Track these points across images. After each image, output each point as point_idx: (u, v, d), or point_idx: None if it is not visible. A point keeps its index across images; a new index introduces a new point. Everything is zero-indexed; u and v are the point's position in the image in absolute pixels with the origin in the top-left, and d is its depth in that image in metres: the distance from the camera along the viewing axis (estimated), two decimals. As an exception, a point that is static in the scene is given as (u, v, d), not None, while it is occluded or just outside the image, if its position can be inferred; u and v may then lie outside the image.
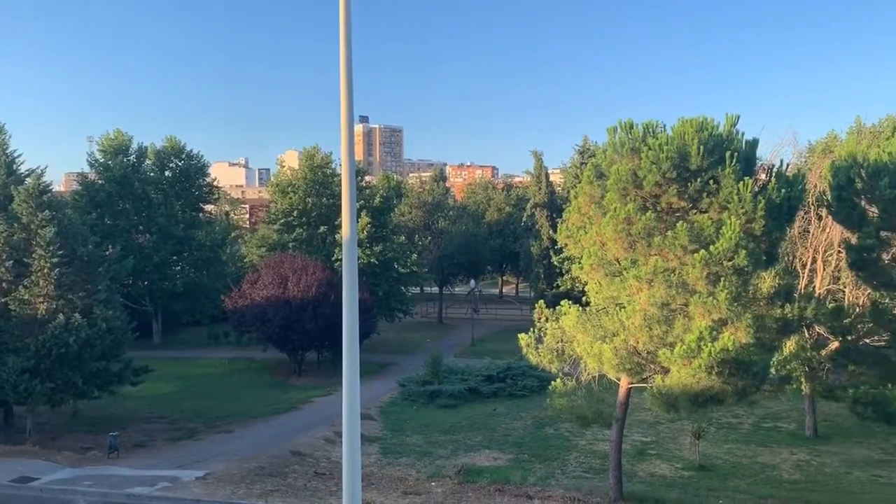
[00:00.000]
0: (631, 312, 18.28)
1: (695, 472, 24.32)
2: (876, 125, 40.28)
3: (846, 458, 26.15)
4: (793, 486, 23.13)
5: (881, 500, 21.56)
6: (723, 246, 16.42)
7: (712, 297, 16.74)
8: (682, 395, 17.36)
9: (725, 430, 29.72)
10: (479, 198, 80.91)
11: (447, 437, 28.23)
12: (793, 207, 17.85)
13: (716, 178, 17.06)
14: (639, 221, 17.42)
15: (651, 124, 17.94)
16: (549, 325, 20.91)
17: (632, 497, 20.44)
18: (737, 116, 17.46)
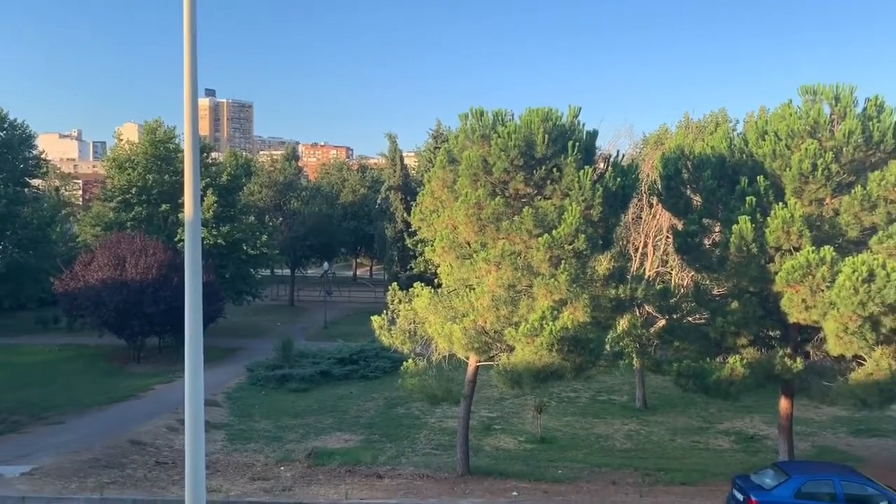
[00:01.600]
0: (480, 294, 18.90)
1: (536, 444, 25.62)
2: (701, 120, 43.87)
3: (671, 426, 28.55)
4: (624, 454, 24.95)
5: (699, 463, 23.76)
6: (564, 231, 17.33)
7: (554, 278, 17.65)
8: (525, 372, 18.21)
9: (565, 404, 31.48)
10: (334, 178, 79.93)
11: (297, 421, 27.90)
12: (627, 195, 19.13)
13: (559, 166, 17.94)
14: (488, 206, 18.00)
15: (500, 112, 18.53)
16: (402, 307, 21.17)
17: (478, 471, 21.23)
18: (578, 108, 18.41)
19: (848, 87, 18.56)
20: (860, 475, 16.63)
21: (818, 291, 17.57)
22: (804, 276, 17.58)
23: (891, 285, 16.62)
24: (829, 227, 18.72)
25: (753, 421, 29.20)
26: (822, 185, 18.35)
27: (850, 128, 18.00)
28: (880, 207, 18.05)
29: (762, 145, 19.28)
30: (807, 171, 18.21)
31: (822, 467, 18.33)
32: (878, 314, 17.07)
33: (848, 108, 18.48)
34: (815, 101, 18.90)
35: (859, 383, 18.59)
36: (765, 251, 18.65)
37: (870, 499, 15.50)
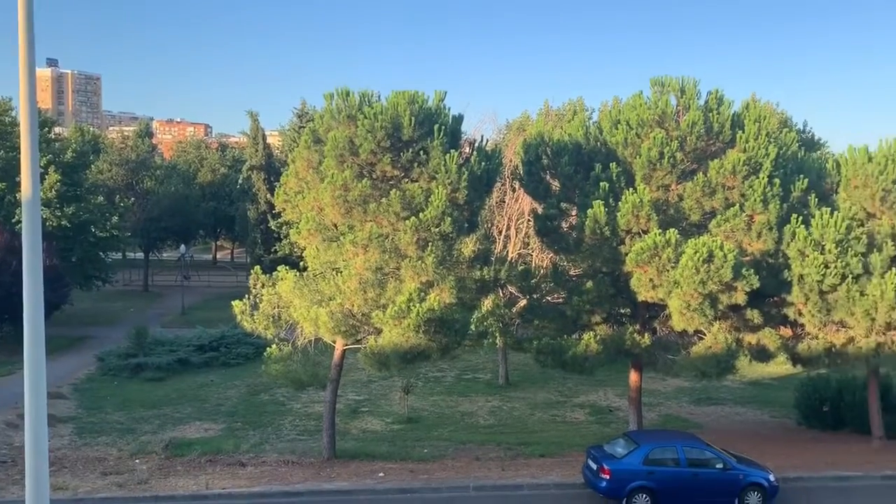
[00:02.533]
0: (347, 277, 18.74)
1: (404, 424, 25.88)
2: (561, 108, 45.60)
3: (531, 401, 29.72)
4: (488, 429, 25.73)
5: (557, 435, 24.91)
6: (431, 213, 17.51)
7: (421, 261, 17.81)
8: (393, 354, 18.30)
9: (431, 384, 31.98)
10: (191, 157, 76.22)
11: (153, 411, 26.59)
12: (491, 179, 19.58)
13: (426, 149, 18.06)
14: (355, 188, 17.84)
15: (367, 93, 18.38)
16: (265, 291, 20.63)
17: (344, 454, 21.17)
18: (444, 92, 18.60)
19: (692, 80, 19.90)
20: (700, 441, 18.08)
21: (664, 271, 18.82)
22: (651, 257, 18.77)
23: (727, 265, 18.08)
24: (674, 211, 20.07)
25: (607, 394, 30.95)
26: (668, 171, 19.62)
27: (694, 119, 19.33)
28: (719, 193, 19.56)
29: (615, 133, 20.32)
30: (654, 159, 19.39)
31: (667, 435, 19.75)
32: (716, 292, 18.55)
33: (692, 100, 19.82)
34: (663, 93, 20.12)
35: (700, 356, 20.15)
36: (617, 234, 19.74)
37: (708, 462, 16.90)
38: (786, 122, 39.48)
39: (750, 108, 20.59)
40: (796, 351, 21.50)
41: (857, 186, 20.71)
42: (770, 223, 19.50)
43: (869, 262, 19.75)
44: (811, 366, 22.87)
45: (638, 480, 16.31)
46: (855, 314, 19.90)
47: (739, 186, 19.36)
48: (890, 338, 20.43)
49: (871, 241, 19.98)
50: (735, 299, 18.98)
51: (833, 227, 19.37)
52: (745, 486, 16.64)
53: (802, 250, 19.68)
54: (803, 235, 19.61)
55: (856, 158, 21.03)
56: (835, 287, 19.74)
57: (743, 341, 20.86)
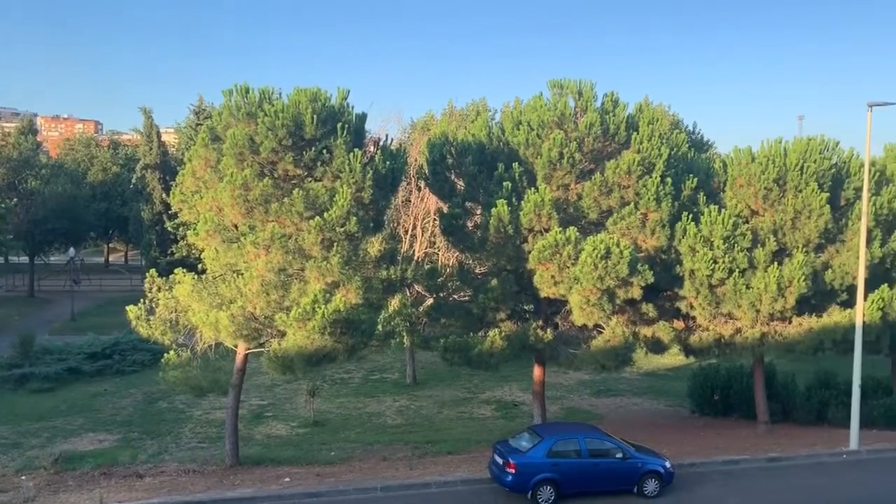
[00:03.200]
0: (249, 279, 18.26)
1: (310, 428, 25.50)
2: (464, 108, 46.07)
3: (439, 399, 29.91)
4: (395, 429, 25.71)
5: (464, 432, 25.18)
6: (336, 213, 17.30)
7: (326, 261, 17.57)
8: (297, 357, 17.96)
9: (338, 386, 31.67)
10: (80, 155, 72.43)
11: (41, 424, 25.10)
12: (396, 178, 19.54)
13: (329, 148, 17.82)
14: (256, 187, 17.40)
15: (267, 90, 17.95)
16: (161, 295, 19.83)
17: (248, 460, 20.65)
18: (347, 90, 18.40)
19: (589, 83, 20.53)
20: (600, 432, 18.68)
21: (565, 268, 19.34)
22: (553, 255, 19.25)
23: (624, 261, 18.77)
24: (573, 210, 20.65)
25: (512, 389, 31.54)
26: (567, 171, 20.16)
27: (591, 120, 19.95)
28: (615, 192, 20.27)
29: (517, 134, 20.71)
30: (555, 159, 19.89)
31: (569, 427, 20.29)
32: (613, 287, 19.22)
33: (589, 102, 20.45)
34: (561, 95, 20.66)
35: (599, 349, 20.84)
36: (520, 232, 20.13)
37: (608, 452, 17.47)
38: (677, 123, 41.39)
39: (643, 111, 21.43)
40: (688, 342, 22.57)
41: (741, 185, 21.92)
42: (663, 221, 20.37)
43: (753, 256, 20.97)
44: (702, 356, 24.08)
45: (542, 473, 16.68)
46: (741, 306, 21.08)
47: (634, 186, 20.12)
48: (773, 328, 21.77)
49: (755, 236, 21.22)
50: (631, 294, 19.72)
51: (720, 224, 20.45)
52: (644, 474, 17.30)
53: (693, 246, 20.68)
54: (693, 232, 20.61)
55: (740, 159, 22.26)
56: (723, 281, 20.85)
57: (639, 334, 21.71)
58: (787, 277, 20.54)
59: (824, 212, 20.97)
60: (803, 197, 20.98)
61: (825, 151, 21.72)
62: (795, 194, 21.11)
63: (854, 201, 21.80)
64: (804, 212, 21.09)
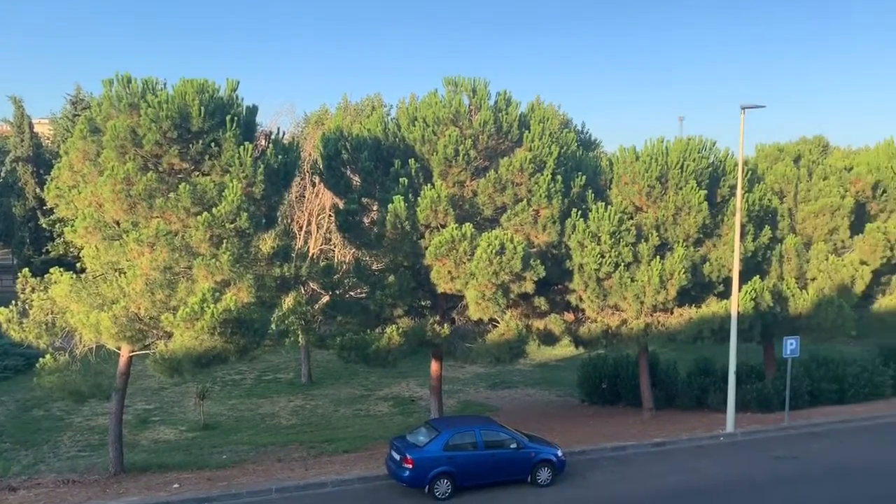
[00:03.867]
0: (132, 278, 17.39)
1: (200, 431, 24.64)
2: (359, 103, 45.68)
3: (335, 398, 29.60)
4: (291, 429, 25.23)
5: (362, 429, 25.04)
6: (225, 209, 16.74)
7: (215, 259, 16.97)
8: (185, 358, 17.28)
9: (230, 387, 30.76)
10: (-60, 146, 66.56)
11: None
12: (289, 173, 19.14)
13: (218, 141, 17.22)
14: (139, 182, 16.59)
15: (151, 80, 17.12)
16: (36, 296, 18.58)
17: (134, 467, 19.71)
18: (237, 82, 17.83)
19: (483, 81, 20.81)
20: (496, 424, 19.02)
21: (461, 263, 19.55)
22: (449, 251, 19.42)
23: (517, 257, 19.18)
24: (469, 206, 20.90)
25: (409, 385, 31.64)
26: (463, 168, 20.39)
27: (485, 118, 20.24)
28: (509, 189, 20.67)
29: (413, 130, 20.74)
30: (450, 156, 20.06)
31: (465, 420, 20.54)
32: (507, 282, 19.61)
33: (483, 100, 20.73)
34: (456, 92, 20.85)
35: (494, 343, 21.21)
36: (417, 228, 20.18)
37: (503, 443, 17.82)
38: (566, 123, 42.58)
39: (535, 110, 21.96)
40: (578, 334, 23.36)
41: (626, 183, 22.86)
42: (554, 217, 20.96)
43: (638, 251, 21.92)
44: (591, 347, 24.97)
45: (440, 467, 16.81)
46: (627, 298, 22.00)
47: (527, 183, 20.59)
48: (656, 318, 22.85)
49: (639, 232, 22.19)
50: (524, 288, 20.19)
51: (607, 220, 21.25)
52: (537, 463, 17.76)
53: (582, 241, 21.40)
54: (582, 228, 21.32)
55: (625, 157, 23.20)
56: (609, 274, 21.69)
57: (532, 327, 22.26)
58: (668, 270, 21.59)
59: (702, 208, 22.18)
60: (683, 194, 22.11)
61: (703, 151, 22.96)
62: (676, 191, 22.22)
63: (729, 198, 23.18)
64: (684, 208, 22.23)
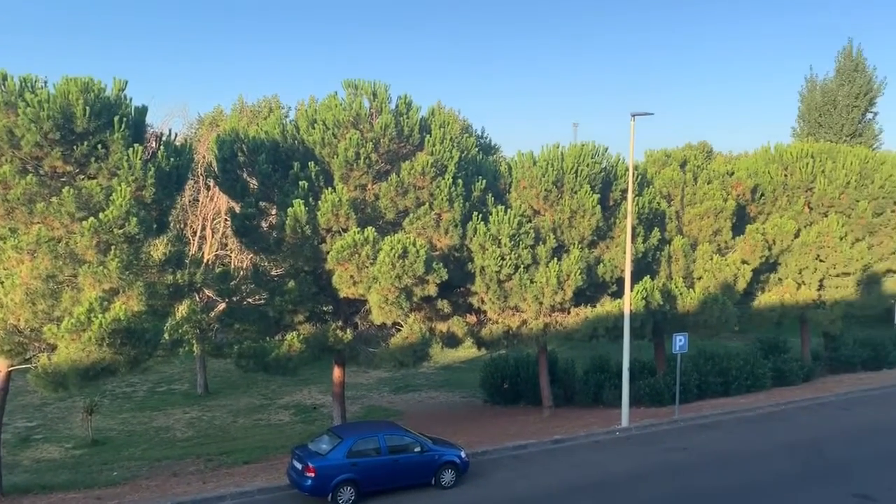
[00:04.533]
0: (10, 288, 16.25)
1: (87, 448, 23.36)
2: (256, 104, 44.63)
3: (233, 408, 28.74)
4: (186, 442, 24.30)
5: (262, 440, 24.42)
6: (113, 213, 15.92)
7: (103, 266, 16.12)
8: (71, 372, 16.31)
9: (120, 400, 29.33)
10: None
11: None
12: (182, 176, 18.42)
13: (105, 142, 16.37)
14: (18, 186, 15.54)
15: (29, 78, 16.05)
16: None
17: (14, 489, 18.44)
18: (125, 81, 17.03)
19: (383, 84, 20.78)
20: (399, 428, 18.99)
21: (363, 268, 19.43)
22: (352, 255, 19.27)
23: (420, 260, 19.24)
24: (371, 210, 20.81)
25: (311, 392, 31.14)
26: (364, 172, 20.28)
27: (386, 121, 20.21)
28: (411, 193, 20.72)
29: (313, 133, 20.46)
30: (351, 159, 19.92)
31: (369, 426, 20.40)
32: (411, 285, 19.64)
33: (384, 103, 20.70)
34: (356, 95, 20.72)
35: (398, 347, 21.19)
36: (318, 232, 19.90)
37: (407, 447, 17.81)
38: (466, 128, 43.19)
39: (435, 114, 22.13)
40: (480, 335, 23.69)
41: (525, 187, 23.40)
42: (455, 220, 21.18)
43: (536, 253, 22.46)
44: (493, 348, 25.39)
45: (343, 474, 16.60)
46: (526, 299, 22.50)
47: (428, 186, 20.71)
48: (555, 318, 23.48)
49: (537, 234, 22.75)
50: (427, 291, 20.28)
51: (507, 224, 21.67)
52: (441, 465, 17.85)
53: (483, 244, 21.73)
54: (483, 231, 21.65)
55: (523, 162, 23.77)
56: (510, 276, 22.12)
57: (435, 330, 22.40)
58: (565, 272, 22.25)
59: (596, 211, 22.99)
60: (578, 198, 22.85)
61: (596, 156, 23.81)
62: (571, 195, 22.93)
63: (621, 202, 24.14)
64: (579, 211, 22.97)
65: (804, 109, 55.28)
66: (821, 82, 54.55)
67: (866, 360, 33.29)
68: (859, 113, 53.02)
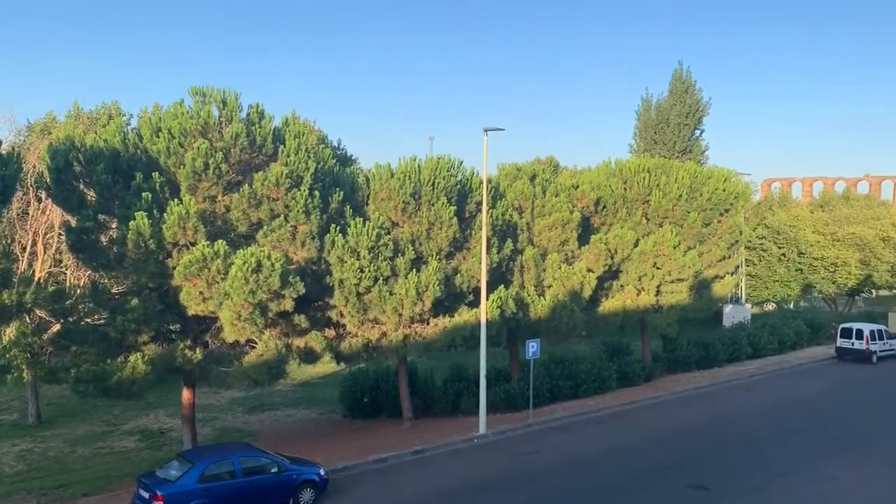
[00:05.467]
0: None
1: None
2: (93, 111, 41.78)
3: (71, 437, 26.55)
4: (15, 478, 22.15)
5: (104, 469, 22.70)
6: (-76, 228, 14.33)
7: (-89, 287, 14.45)
8: None
9: (-65, 437, 26.30)
10: None
11: None
12: (8, 187, 16.92)
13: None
14: None
15: None
16: None
17: None
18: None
19: (234, 93, 20.09)
20: (255, 449, 18.33)
21: (214, 283, 18.62)
22: (201, 270, 18.41)
23: (275, 274, 18.72)
24: (221, 222, 20.01)
25: (158, 416, 29.40)
26: (214, 183, 19.48)
27: (237, 131, 19.55)
28: (264, 205, 20.15)
29: (157, 142, 19.40)
30: (200, 170, 19.08)
31: (222, 448, 19.53)
32: (265, 300, 19.04)
33: (234, 112, 20.01)
34: (205, 103, 19.90)
35: (252, 364, 20.47)
36: (163, 247, 18.85)
37: (263, 468, 17.23)
38: (323, 139, 42.72)
39: (290, 124, 21.69)
40: (339, 349, 23.39)
41: (383, 199, 23.43)
42: (312, 233, 20.83)
43: (395, 265, 22.52)
44: (352, 361, 25.14)
45: (195, 500, 15.80)
46: (386, 311, 22.49)
47: (283, 198, 20.23)
48: (414, 329, 23.62)
49: (396, 246, 22.82)
50: (284, 306, 19.76)
51: (365, 236, 21.58)
52: (299, 485, 17.41)
53: (341, 257, 21.49)
54: (341, 243, 21.43)
55: (381, 174, 23.80)
56: (369, 289, 22.02)
57: (292, 345, 21.86)
58: (424, 283, 22.46)
59: (453, 223, 23.42)
60: (435, 210, 23.18)
61: (452, 169, 24.27)
62: (429, 207, 23.23)
63: (476, 213, 24.74)
64: (436, 223, 23.31)
65: (641, 127, 59.35)
66: (655, 102, 58.82)
67: (699, 360, 36.06)
68: (689, 131, 57.65)
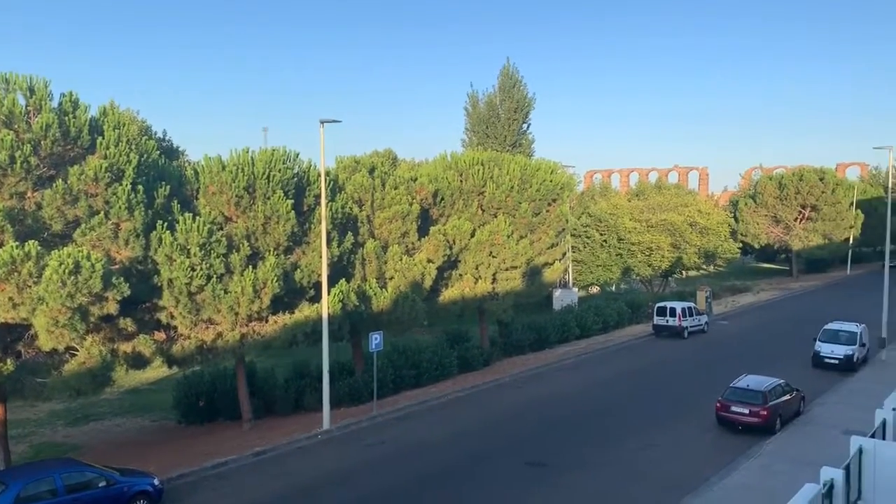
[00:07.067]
0: None
1: None
2: None
3: None
4: None
5: None
6: None
7: None
8: None
9: None
10: None
11: None
12: None
13: None
14: None
15: None
16: None
17: None
18: None
19: (43, 80, 18.46)
20: (79, 463, 17.00)
21: (25, 288, 17.07)
22: (10, 273, 16.81)
23: (96, 275, 17.43)
24: (32, 221, 18.33)
25: (-38, 437, 26.43)
26: (22, 178, 17.80)
27: (47, 121, 17.97)
28: (82, 201, 18.67)
29: (-49, 132, 17.39)
30: (5, 164, 17.37)
31: (40, 466, 17.92)
32: (86, 304, 17.69)
33: (44, 101, 18.37)
34: (9, 91, 18.12)
35: (74, 373, 18.97)
36: (-38, 249, 16.96)
37: (90, 483, 16.02)
38: (146, 130, 40.20)
39: (108, 114, 20.22)
40: (171, 353, 22.21)
41: (214, 193, 22.46)
42: (137, 230, 19.59)
43: (230, 261, 21.70)
44: (186, 365, 23.96)
45: (9, 526, 14.43)
46: (221, 311, 21.63)
47: (103, 194, 18.86)
48: (252, 328, 22.90)
49: (230, 242, 21.98)
50: (107, 310, 18.47)
51: (196, 232, 20.60)
52: (132, 497, 16.42)
53: (170, 255, 20.38)
54: (169, 241, 20.31)
55: (211, 167, 22.78)
56: (202, 288, 21.06)
57: (118, 351, 20.51)
58: (261, 279, 21.83)
59: (290, 217, 22.92)
60: (272, 203, 22.57)
61: (288, 162, 23.73)
62: (264, 201, 22.57)
63: (315, 207, 24.38)
64: (273, 217, 22.70)
65: (473, 122, 61.09)
66: (484, 97, 60.74)
67: (533, 343, 37.87)
68: (518, 125, 60.17)
